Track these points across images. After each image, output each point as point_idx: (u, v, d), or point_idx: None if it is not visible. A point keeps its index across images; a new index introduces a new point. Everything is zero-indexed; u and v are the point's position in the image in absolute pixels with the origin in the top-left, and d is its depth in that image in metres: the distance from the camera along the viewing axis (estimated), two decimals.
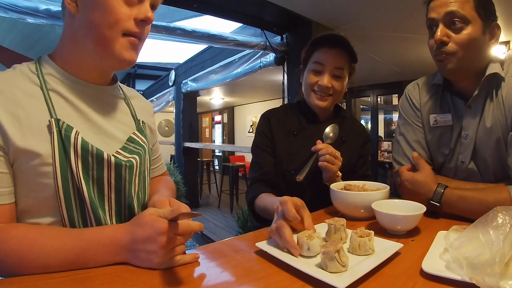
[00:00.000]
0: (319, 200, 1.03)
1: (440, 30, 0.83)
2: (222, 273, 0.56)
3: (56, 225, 0.60)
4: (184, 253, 0.59)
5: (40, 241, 0.54)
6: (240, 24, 3.36)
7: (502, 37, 3.09)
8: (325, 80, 1.04)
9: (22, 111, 0.58)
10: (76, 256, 0.53)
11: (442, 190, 0.83)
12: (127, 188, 0.68)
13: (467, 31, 0.81)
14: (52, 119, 0.59)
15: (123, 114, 0.75)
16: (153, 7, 0.67)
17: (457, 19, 0.81)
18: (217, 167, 9.11)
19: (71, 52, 0.65)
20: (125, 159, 0.67)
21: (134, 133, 0.74)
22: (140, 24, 0.63)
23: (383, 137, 6.59)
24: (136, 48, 0.65)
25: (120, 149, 0.69)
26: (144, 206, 0.75)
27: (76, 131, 0.61)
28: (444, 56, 0.85)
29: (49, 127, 0.59)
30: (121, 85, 0.80)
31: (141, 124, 0.78)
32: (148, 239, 0.53)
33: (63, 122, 0.60)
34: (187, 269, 0.56)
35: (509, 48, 3.24)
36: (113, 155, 0.65)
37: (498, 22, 0.86)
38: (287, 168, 1.08)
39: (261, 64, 3.27)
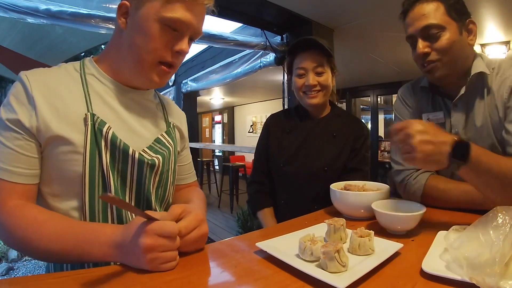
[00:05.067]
0: (306, 189, 1.14)
1: (421, 43, 0.86)
2: (222, 273, 0.56)
3: (79, 210, 0.65)
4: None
5: (46, 225, 0.58)
6: (240, 24, 3.36)
7: (502, 37, 3.09)
8: (310, 79, 1.15)
9: (61, 102, 0.64)
10: (73, 247, 0.56)
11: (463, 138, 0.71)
12: (147, 183, 0.72)
13: (445, 37, 0.84)
14: (88, 113, 0.65)
15: (155, 117, 0.80)
16: (191, 39, 0.71)
17: (433, 30, 0.84)
18: (217, 167, 9.11)
19: (114, 59, 0.71)
20: (149, 158, 0.72)
21: (161, 135, 0.78)
22: (175, 55, 0.69)
23: (383, 137, 6.59)
24: (167, 75, 0.72)
25: (146, 147, 0.74)
26: (164, 203, 0.80)
27: (108, 126, 0.66)
28: (430, 66, 0.87)
29: (85, 119, 0.65)
30: (159, 93, 0.88)
31: (171, 126, 0.83)
32: (133, 242, 0.52)
33: (98, 117, 0.66)
34: (187, 269, 0.56)
35: (509, 48, 3.24)
36: (139, 153, 0.70)
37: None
38: (278, 161, 1.21)
39: (261, 64, 3.27)
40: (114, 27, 0.72)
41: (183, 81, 5.35)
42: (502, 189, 0.69)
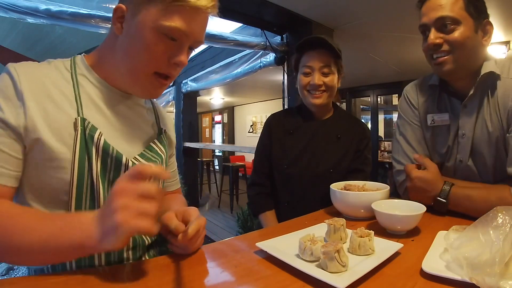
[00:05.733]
0: (311, 191, 1.13)
1: (433, 34, 0.85)
2: (222, 273, 0.56)
3: None
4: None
5: (19, 218, 0.51)
6: (240, 24, 3.36)
7: (502, 37, 3.09)
8: (316, 78, 1.13)
9: (51, 104, 0.59)
10: (50, 234, 0.49)
11: (448, 188, 0.84)
12: None
13: (459, 31, 0.82)
14: (79, 117, 0.60)
15: (146, 123, 0.76)
16: (191, 48, 0.67)
17: (448, 22, 0.82)
18: (217, 167, 9.11)
19: (106, 63, 0.67)
20: None
21: (153, 142, 0.74)
22: (172, 66, 0.64)
23: (383, 137, 6.59)
24: (163, 87, 0.67)
25: (138, 155, 0.69)
26: None
27: (100, 132, 0.62)
28: (440, 59, 0.86)
29: (75, 124, 0.60)
30: None
31: (163, 133, 0.79)
32: (108, 202, 0.47)
33: (89, 122, 0.61)
34: (187, 269, 0.56)
35: (509, 48, 3.24)
36: (131, 160, 0.66)
37: (491, 20, 0.86)
38: (281, 162, 1.18)
39: (261, 64, 3.27)
40: None
41: (183, 81, 5.34)
42: None
